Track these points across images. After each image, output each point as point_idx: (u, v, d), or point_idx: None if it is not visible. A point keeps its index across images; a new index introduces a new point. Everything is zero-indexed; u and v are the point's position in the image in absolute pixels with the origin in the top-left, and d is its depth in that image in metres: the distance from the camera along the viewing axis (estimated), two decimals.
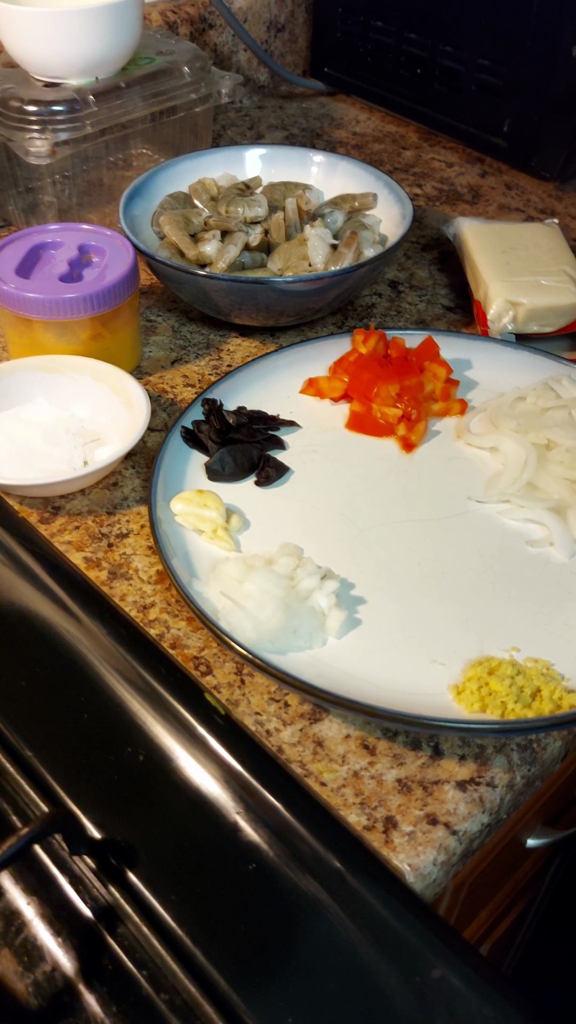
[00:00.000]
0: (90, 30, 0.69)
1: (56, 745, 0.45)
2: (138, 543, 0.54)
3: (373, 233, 0.68)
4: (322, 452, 0.58)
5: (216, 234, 0.68)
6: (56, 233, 0.64)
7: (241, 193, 0.72)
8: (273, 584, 0.46)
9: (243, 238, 0.67)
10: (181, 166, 0.74)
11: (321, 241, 0.66)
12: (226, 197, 0.71)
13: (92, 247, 0.63)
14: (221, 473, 0.56)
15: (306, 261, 0.66)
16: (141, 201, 0.72)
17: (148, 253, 0.63)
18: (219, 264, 0.66)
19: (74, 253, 0.62)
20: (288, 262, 0.67)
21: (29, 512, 0.56)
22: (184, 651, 0.48)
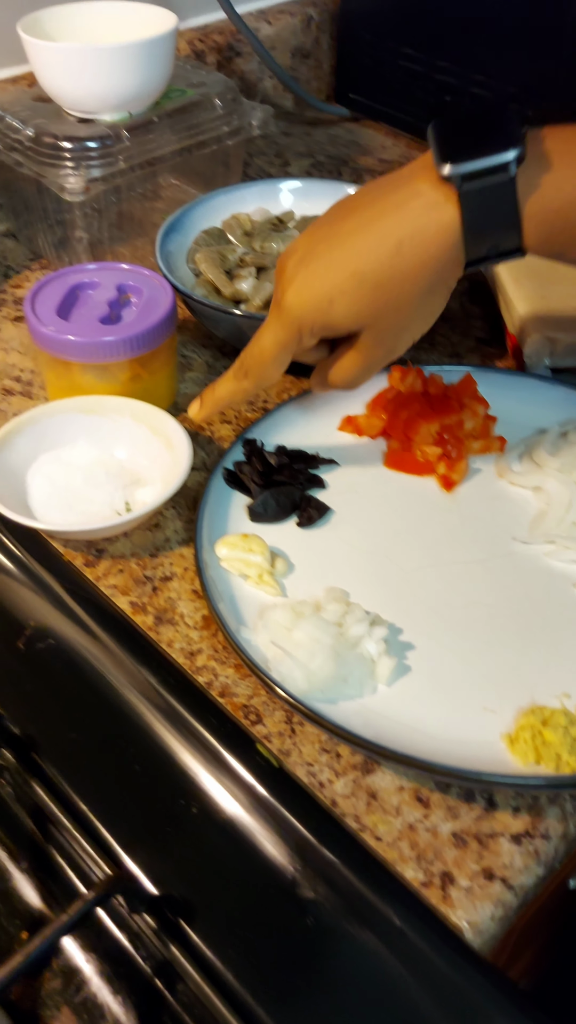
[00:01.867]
0: (125, 66, 0.70)
1: (108, 797, 0.45)
2: (182, 587, 0.54)
3: None
4: (362, 491, 0.58)
5: (252, 271, 0.68)
6: (94, 273, 0.64)
7: (275, 228, 0.73)
8: (322, 632, 0.46)
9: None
10: (215, 201, 0.75)
11: None
12: (260, 233, 0.71)
13: (130, 287, 0.63)
14: (264, 515, 0.56)
15: None
16: (176, 236, 0.72)
17: (186, 293, 0.63)
18: (255, 301, 0.66)
19: (112, 293, 0.62)
20: None
21: (74, 555, 0.56)
22: (233, 699, 0.48)
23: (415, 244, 0.45)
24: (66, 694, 0.49)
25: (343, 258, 0.46)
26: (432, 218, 0.44)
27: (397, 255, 0.45)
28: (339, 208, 0.49)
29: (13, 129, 0.73)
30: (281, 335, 0.50)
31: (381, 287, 0.46)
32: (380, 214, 0.46)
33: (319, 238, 0.48)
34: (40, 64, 0.71)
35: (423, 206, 0.45)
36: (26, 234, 0.84)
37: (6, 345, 0.73)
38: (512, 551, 0.54)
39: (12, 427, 0.58)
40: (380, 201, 0.46)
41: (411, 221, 0.45)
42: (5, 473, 0.57)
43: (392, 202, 0.46)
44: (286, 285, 0.48)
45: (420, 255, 0.45)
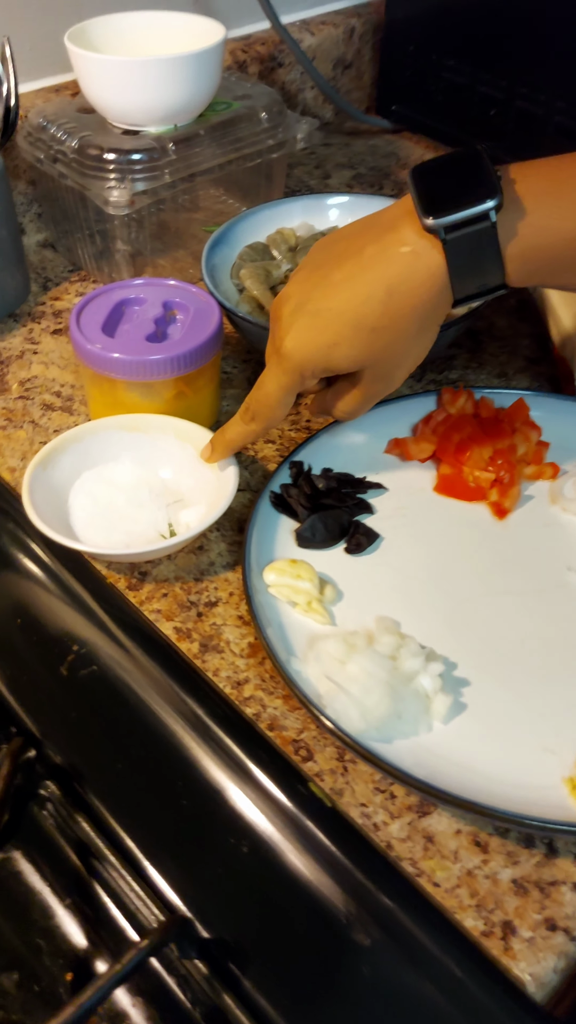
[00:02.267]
0: (172, 78, 0.69)
1: (155, 833, 0.44)
2: (227, 612, 0.53)
3: None
4: (411, 517, 0.57)
5: None
6: (140, 288, 0.63)
7: None
8: (377, 666, 0.45)
9: None
10: (259, 215, 0.74)
11: None
12: (304, 248, 0.70)
13: (176, 303, 0.62)
14: (312, 540, 0.54)
15: None
16: (220, 251, 0.71)
17: (232, 311, 0.62)
18: None
19: (159, 310, 0.61)
20: None
21: (117, 578, 0.55)
22: (283, 733, 0.47)
23: (405, 290, 0.47)
24: (111, 723, 0.48)
25: (339, 307, 0.48)
26: (419, 265, 0.47)
27: (389, 301, 0.47)
28: (326, 255, 0.51)
29: (57, 140, 0.72)
30: (284, 379, 0.51)
31: (377, 332, 0.48)
32: (370, 263, 0.48)
33: (312, 285, 0.50)
34: (86, 76, 0.70)
35: (410, 254, 0.47)
36: (65, 244, 0.84)
37: (46, 359, 0.72)
38: (567, 581, 0.52)
39: (56, 445, 0.57)
40: (367, 248, 0.48)
41: (400, 268, 0.47)
42: (48, 492, 0.56)
43: (379, 250, 0.48)
44: (284, 332, 0.50)
45: (411, 300, 0.47)
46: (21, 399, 0.68)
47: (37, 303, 0.79)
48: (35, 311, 0.78)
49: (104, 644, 0.51)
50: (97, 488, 0.58)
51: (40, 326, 0.76)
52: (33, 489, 0.55)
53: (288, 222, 0.75)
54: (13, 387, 0.69)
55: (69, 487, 0.58)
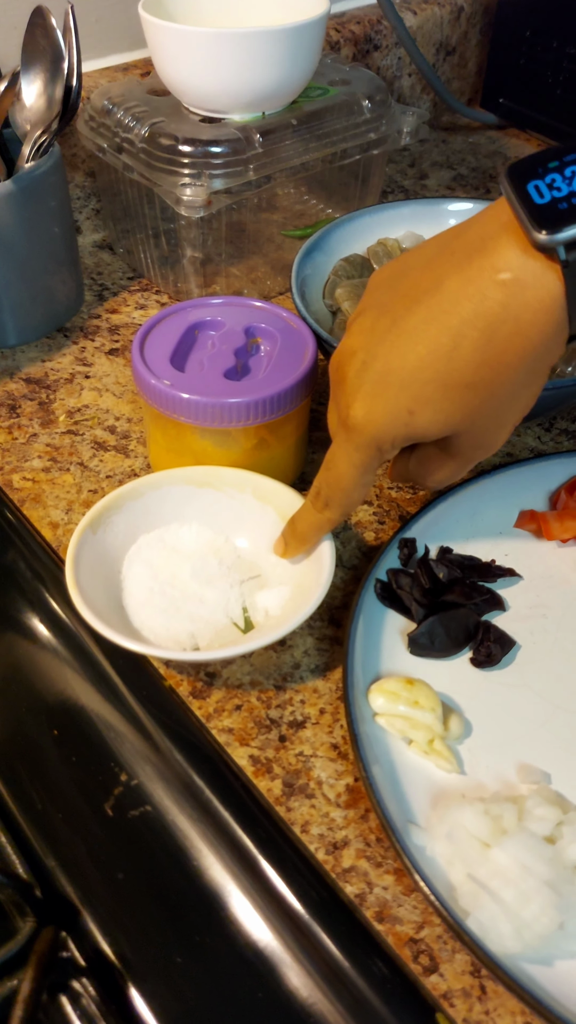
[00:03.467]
0: (264, 57, 0.57)
1: None
2: (318, 738, 0.41)
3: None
4: (554, 618, 0.45)
5: None
6: (218, 309, 0.52)
7: None
8: (535, 857, 0.33)
9: None
10: (358, 223, 0.62)
11: None
12: None
13: (260, 330, 0.51)
14: (430, 648, 0.43)
15: None
16: (311, 264, 0.59)
17: (326, 339, 0.50)
18: None
19: (240, 339, 0.49)
20: None
21: (179, 680, 0.43)
22: (396, 928, 0.35)
23: (511, 332, 0.35)
24: (167, 893, 0.36)
25: (417, 363, 0.36)
26: (527, 297, 0.34)
27: (488, 347, 0.35)
28: (392, 293, 0.39)
29: (124, 127, 0.61)
30: (357, 457, 0.40)
31: (471, 388, 0.36)
32: (454, 300, 0.35)
33: (378, 338, 0.38)
34: (161, 51, 0.58)
35: (512, 283, 0.34)
36: (125, 245, 0.72)
37: (99, 384, 0.61)
38: None
39: (109, 503, 0.46)
40: (449, 281, 0.36)
41: (498, 304, 0.35)
42: (97, 561, 0.45)
43: (465, 281, 0.35)
44: (351, 398, 0.39)
45: (519, 343, 0.35)
46: (69, 434, 0.57)
47: (91, 315, 0.67)
48: (88, 325, 0.66)
49: (160, 775, 0.40)
50: (157, 556, 0.47)
51: (94, 344, 0.65)
52: (79, 561, 0.43)
53: (392, 231, 0.63)
54: (60, 418, 0.58)
55: (123, 554, 0.47)
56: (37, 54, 0.59)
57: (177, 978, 0.34)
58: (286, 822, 0.38)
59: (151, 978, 0.34)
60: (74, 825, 0.39)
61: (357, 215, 0.62)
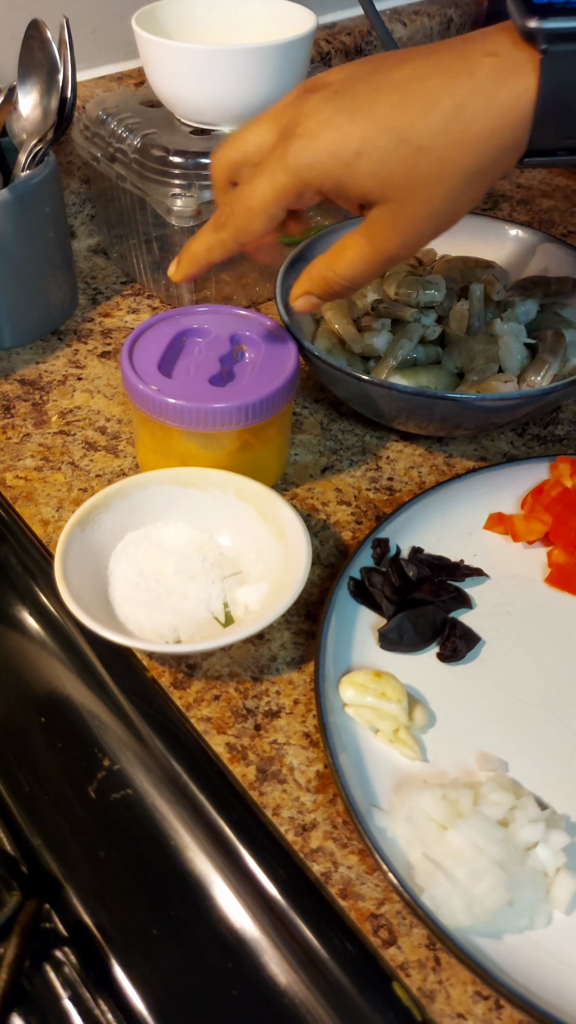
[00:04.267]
0: (253, 71, 0.59)
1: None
2: (291, 727, 0.43)
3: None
4: (518, 615, 0.47)
5: (386, 323, 0.57)
6: (204, 317, 0.54)
7: (413, 271, 0.61)
8: (487, 838, 0.35)
9: (418, 331, 0.56)
10: (342, 233, 0.64)
11: (517, 342, 0.55)
12: (396, 275, 0.60)
13: (245, 337, 0.53)
14: (399, 643, 0.45)
15: (495, 364, 0.55)
16: (295, 273, 0.61)
17: (308, 348, 0.53)
18: (389, 362, 0.55)
19: (225, 347, 0.52)
20: (472, 362, 0.55)
21: (160, 671, 0.46)
22: (358, 904, 0.37)
23: (477, 110, 0.36)
24: (145, 870, 0.39)
25: (386, 108, 0.37)
26: (505, 83, 0.36)
27: (455, 119, 0.36)
28: (390, 55, 0.40)
29: (117, 137, 0.63)
30: (281, 180, 0.39)
31: (424, 151, 0.37)
32: (439, 67, 0.37)
33: (359, 76, 0.39)
34: (154, 64, 0.61)
35: (494, 67, 0.36)
36: (119, 251, 0.75)
37: (91, 386, 0.63)
38: None
39: (98, 502, 0.48)
40: (442, 53, 0.37)
41: (478, 82, 0.36)
42: (85, 558, 0.47)
43: (457, 57, 0.37)
44: (304, 117, 0.39)
45: (481, 124, 0.36)
46: (61, 434, 0.59)
47: (85, 319, 0.70)
48: (82, 329, 0.69)
49: (141, 761, 0.42)
50: (143, 553, 0.49)
51: (87, 347, 0.67)
52: (67, 558, 0.46)
53: None
54: (53, 419, 0.60)
55: (110, 550, 0.49)
56: (33, 66, 0.61)
57: (153, 948, 0.36)
58: (259, 805, 0.40)
59: (129, 948, 0.37)
60: (59, 806, 0.41)
61: (342, 225, 0.64)
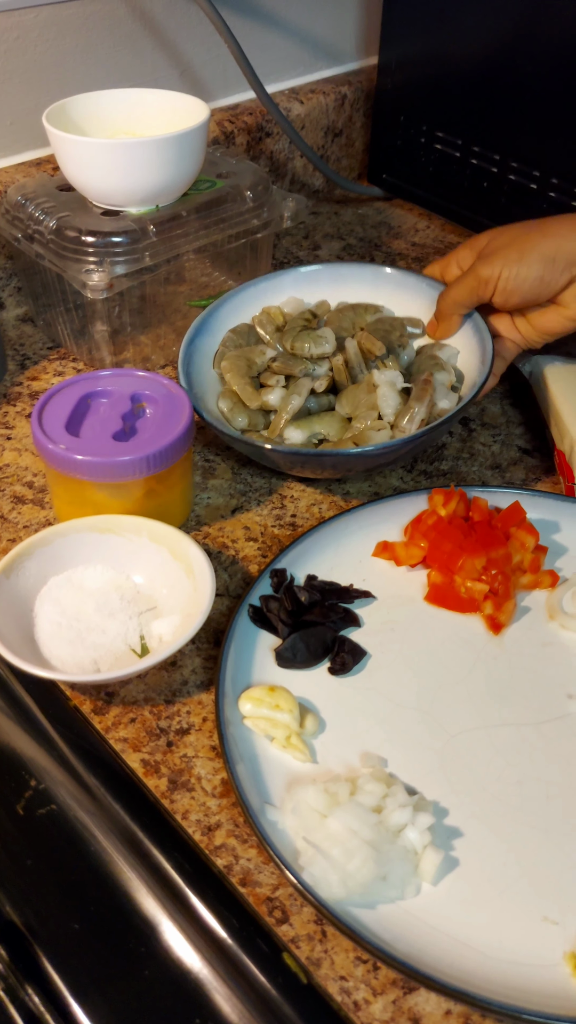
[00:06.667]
0: (154, 160, 0.66)
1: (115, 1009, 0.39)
2: (200, 741, 0.49)
3: (449, 375, 0.64)
4: (400, 631, 0.53)
5: (280, 380, 0.64)
6: (106, 380, 0.60)
7: (307, 325, 0.68)
8: (361, 822, 0.41)
9: (308, 385, 0.63)
10: (243, 295, 0.71)
11: (391, 390, 0.61)
12: (291, 331, 0.67)
13: (145, 396, 0.59)
14: (292, 661, 0.51)
15: (375, 411, 0.61)
16: (201, 341, 0.68)
17: (204, 418, 0.60)
18: (283, 416, 0.62)
19: (126, 405, 0.58)
20: (356, 409, 0.62)
21: (82, 700, 0.51)
22: (256, 890, 0.42)
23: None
24: (68, 874, 0.44)
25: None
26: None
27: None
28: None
29: (35, 220, 0.70)
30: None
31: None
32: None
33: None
34: (64, 156, 0.67)
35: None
36: (44, 319, 0.81)
37: (19, 445, 0.69)
38: (569, 712, 0.48)
39: (21, 551, 0.54)
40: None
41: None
42: (10, 602, 0.52)
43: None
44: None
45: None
46: None
47: (14, 383, 0.75)
48: (11, 392, 0.74)
49: (65, 779, 0.47)
50: (65, 595, 0.54)
51: (15, 408, 0.73)
52: None
53: (274, 299, 0.72)
54: None
55: (35, 594, 0.54)
56: None
57: (75, 941, 0.41)
58: (169, 812, 0.45)
59: (53, 942, 0.41)
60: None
61: (243, 288, 0.71)
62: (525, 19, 0.77)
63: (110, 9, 0.80)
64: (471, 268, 0.62)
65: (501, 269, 0.60)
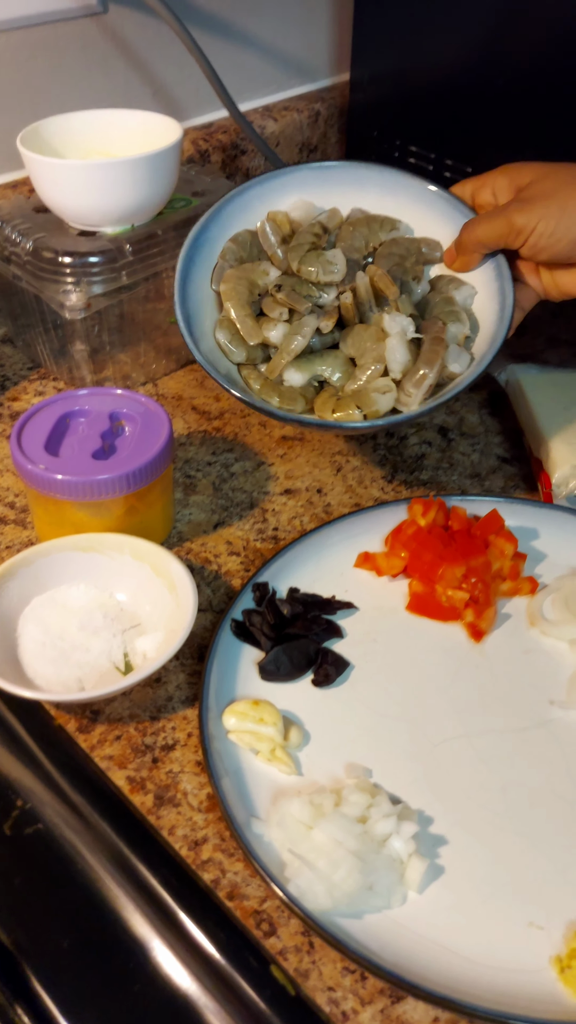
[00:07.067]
0: (128, 180, 0.67)
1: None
2: (185, 757, 0.49)
3: (463, 326, 0.60)
4: (383, 641, 0.54)
5: (283, 313, 0.60)
6: (84, 399, 0.60)
7: (316, 242, 0.63)
8: (346, 833, 0.41)
9: (312, 324, 0.59)
10: (247, 196, 0.64)
11: (400, 342, 0.57)
12: (298, 248, 0.62)
13: (123, 414, 0.59)
14: (276, 674, 0.51)
15: (381, 364, 0.58)
16: (203, 251, 0.63)
17: (202, 364, 0.57)
18: (284, 356, 0.59)
19: (105, 424, 0.58)
20: (362, 355, 0.59)
21: (67, 719, 0.51)
22: (243, 903, 0.42)
23: None
24: (57, 892, 0.44)
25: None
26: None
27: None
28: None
29: (11, 241, 0.70)
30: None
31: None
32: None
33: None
34: (39, 178, 0.68)
35: None
36: (24, 339, 0.81)
37: (0, 465, 0.69)
38: (551, 718, 0.49)
39: (4, 571, 0.54)
40: None
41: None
42: None
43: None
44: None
45: None
46: None
47: None
48: None
49: (51, 798, 0.47)
50: (48, 614, 0.54)
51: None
52: None
53: (282, 201, 0.65)
54: None
55: (18, 615, 0.54)
56: None
57: (64, 959, 0.41)
58: (156, 828, 0.45)
59: (42, 960, 0.41)
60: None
61: (248, 187, 0.64)
62: (492, 35, 0.78)
63: (82, 31, 0.81)
64: (504, 209, 0.56)
65: (538, 222, 0.54)
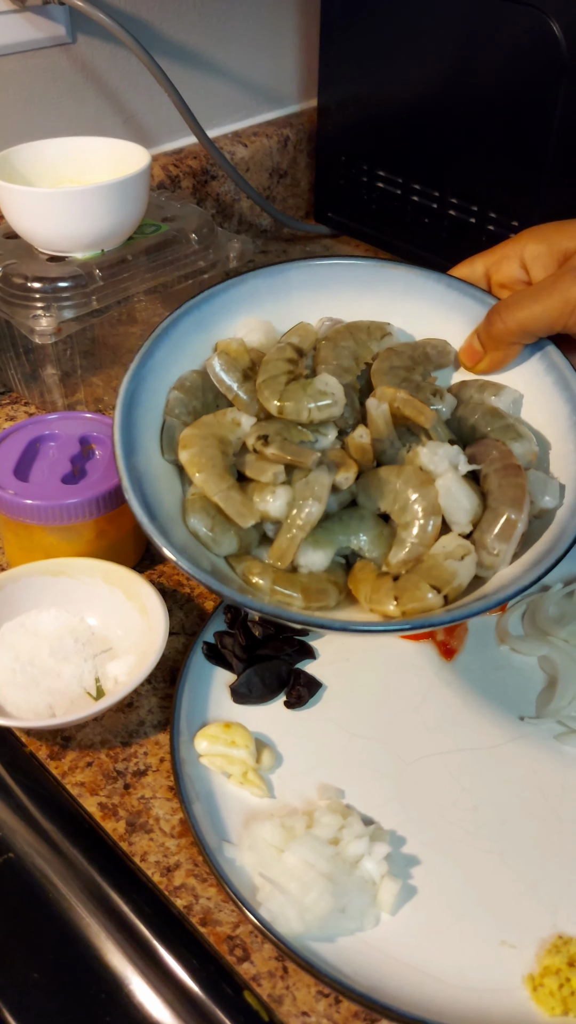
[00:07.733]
0: (97, 207, 0.67)
1: None
2: (157, 782, 0.49)
3: (530, 443, 0.46)
4: (355, 660, 0.54)
5: (279, 474, 0.45)
6: (54, 423, 0.60)
7: (293, 370, 0.47)
8: (317, 855, 0.41)
9: (326, 480, 0.44)
10: (183, 325, 0.50)
11: (457, 482, 0.43)
12: (272, 382, 0.47)
13: (93, 437, 0.60)
14: (248, 696, 0.51)
15: (437, 515, 0.44)
16: (139, 410, 0.49)
17: (178, 564, 0.41)
18: (293, 532, 0.44)
19: (75, 447, 0.58)
20: (402, 509, 0.44)
21: (37, 746, 0.51)
22: (216, 929, 0.42)
23: None
24: (27, 924, 0.43)
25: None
26: None
27: None
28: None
29: None
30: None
31: None
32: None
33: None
34: (9, 206, 0.68)
35: None
36: None
37: None
38: (521, 734, 0.49)
39: None
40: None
41: None
42: None
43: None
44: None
45: None
46: None
47: None
48: None
49: (21, 828, 0.46)
50: (19, 640, 0.54)
51: None
52: None
53: (229, 327, 0.52)
54: None
55: None
56: None
57: (35, 990, 0.41)
58: (128, 854, 0.45)
59: (14, 992, 0.41)
60: None
61: (178, 320, 0.51)
62: (455, 62, 0.79)
63: (52, 61, 0.82)
64: (555, 281, 0.44)
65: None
